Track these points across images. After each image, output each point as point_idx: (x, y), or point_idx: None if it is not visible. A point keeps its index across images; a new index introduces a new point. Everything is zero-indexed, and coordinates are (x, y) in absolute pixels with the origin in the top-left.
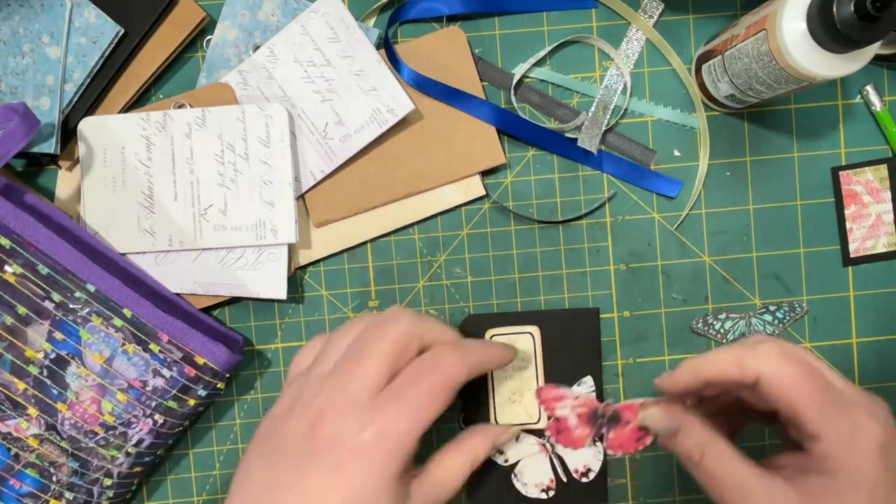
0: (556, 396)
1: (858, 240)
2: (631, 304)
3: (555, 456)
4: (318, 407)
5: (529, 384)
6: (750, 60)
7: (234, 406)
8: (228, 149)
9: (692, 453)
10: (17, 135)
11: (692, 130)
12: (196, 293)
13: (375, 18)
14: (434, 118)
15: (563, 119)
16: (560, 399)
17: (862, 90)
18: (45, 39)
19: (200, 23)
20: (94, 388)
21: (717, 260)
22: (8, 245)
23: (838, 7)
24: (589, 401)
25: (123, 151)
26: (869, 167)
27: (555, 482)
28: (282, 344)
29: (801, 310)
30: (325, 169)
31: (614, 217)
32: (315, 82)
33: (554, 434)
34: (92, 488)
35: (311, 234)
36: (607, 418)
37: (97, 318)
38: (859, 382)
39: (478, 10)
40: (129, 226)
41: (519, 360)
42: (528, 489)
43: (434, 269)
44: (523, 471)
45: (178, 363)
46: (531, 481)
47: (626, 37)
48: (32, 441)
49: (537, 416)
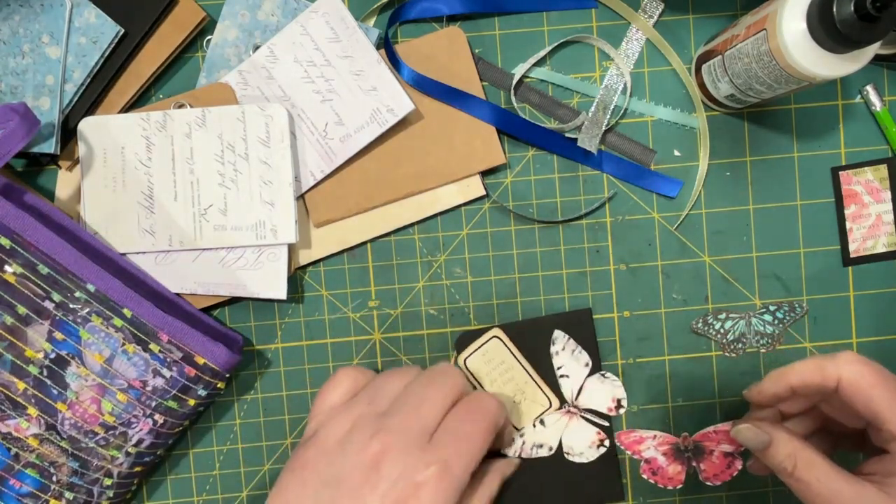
0: (635, 440)
1: (858, 240)
2: (631, 304)
3: (584, 412)
4: (380, 444)
5: (523, 379)
6: (750, 60)
7: (234, 406)
8: (228, 149)
9: (785, 464)
10: (17, 135)
11: (692, 130)
12: (196, 293)
13: (375, 18)
14: (434, 118)
15: (563, 119)
16: (640, 441)
17: (862, 90)
18: (45, 39)
19: (200, 23)
20: (94, 388)
21: (717, 260)
22: (8, 245)
23: (838, 7)
24: (667, 437)
25: (123, 151)
26: (869, 167)
27: (602, 433)
28: (282, 344)
29: (801, 310)
30: (325, 169)
31: (614, 217)
32: (315, 82)
33: (650, 476)
34: (92, 488)
35: (311, 234)
36: (691, 450)
37: (97, 318)
38: None
39: (478, 10)
40: (129, 226)
41: (502, 366)
42: (589, 453)
43: (434, 269)
44: (572, 445)
45: (178, 363)
46: (584, 445)
47: (626, 37)
48: (32, 441)
49: (547, 401)
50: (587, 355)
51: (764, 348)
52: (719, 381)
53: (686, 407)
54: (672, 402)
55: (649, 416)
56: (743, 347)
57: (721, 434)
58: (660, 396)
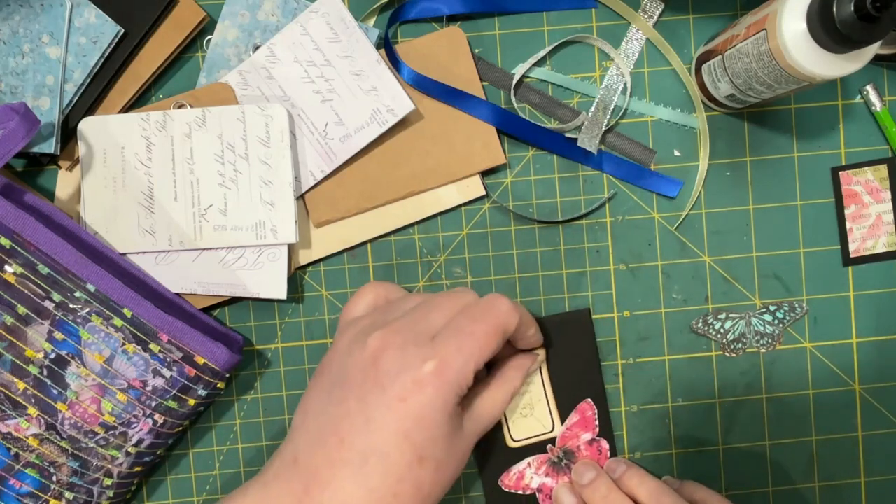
0: (517, 476)
1: (858, 240)
2: (631, 304)
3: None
4: (380, 341)
5: (538, 397)
6: (750, 60)
7: (234, 406)
8: (228, 149)
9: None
10: (17, 135)
11: (692, 130)
12: (196, 293)
13: (375, 18)
14: (434, 118)
15: (563, 119)
16: (521, 476)
17: (862, 90)
18: (45, 39)
19: (200, 23)
20: (94, 387)
21: (717, 260)
22: (8, 245)
23: (838, 7)
24: (538, 457)
25: (123, 151)
26: (869, 167)
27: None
28: (282, 344)
29: (801, 310)
30: (325, 169)
31: (614, 217)
32: (315, 82)
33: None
34: (92, 488)
35: (311, 234)
36: (563, 457)
37: (97, 318)
38: (859, 382)
39: (478, 10)
40: (129, 226)
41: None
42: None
43: (434, 269)
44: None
45: (178, 363)
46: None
47: (626, 37)
48: (32, 441)
49: (550, 424)
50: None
51: (764, 348)
52: (719, 381)
53: (686, 407)
54: (672, 402)
55: (649, 415)
56: (743, 347)
57: (574, 427)
58: (660, 396)
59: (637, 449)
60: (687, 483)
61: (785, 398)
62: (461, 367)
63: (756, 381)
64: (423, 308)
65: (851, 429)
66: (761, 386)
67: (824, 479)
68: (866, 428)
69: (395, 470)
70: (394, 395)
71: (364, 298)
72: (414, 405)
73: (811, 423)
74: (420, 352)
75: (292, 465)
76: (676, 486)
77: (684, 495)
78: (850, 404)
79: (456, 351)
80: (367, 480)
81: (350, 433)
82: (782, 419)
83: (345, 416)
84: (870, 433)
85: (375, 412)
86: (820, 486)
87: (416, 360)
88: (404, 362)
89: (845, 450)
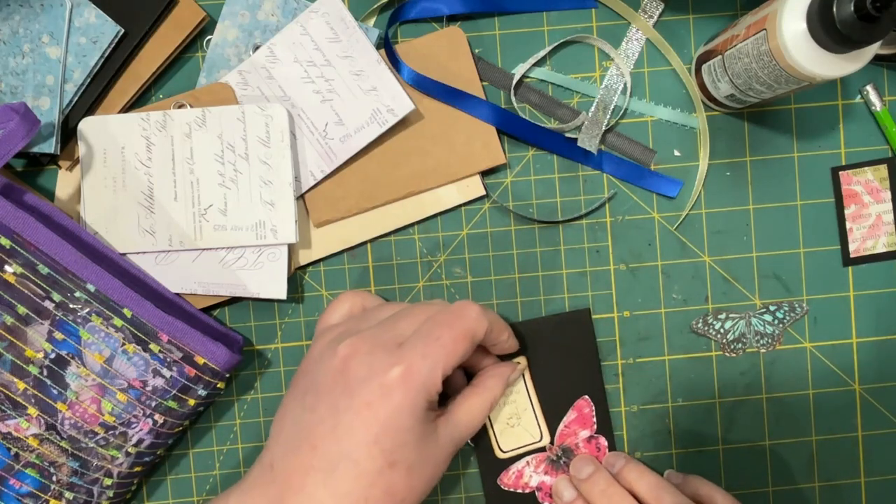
0: (516, 475)
1: (858, 240)
2: (631, 304)
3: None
4: (350, 348)
5: (524, 406)
6: (750, 60)
7: (234, 406)
8: (228, 149)
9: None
10: (17, 135)
11: (692, 130)
12: (196, 293)
13: (375, 18)
14: (434, 118)
15: (563, 119)
16: (520, 475)
17: (862, 90)
18: (45, 39)
19: (200, 23)
20: (94, 387)
21: (716, 260)
22: (8, 245)
23: (838, 7)
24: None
25: (123, 151)
26: (869, 167)
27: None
28: (282, 344)
29: (801, 310)
30: (325, 169)
31: (614, 217)
32: (315, 82)
33: (551, 501)
34: (92, 488)
35: (311, 234)
36: (562, 455)
37: (97, 318)
38: (859, 382)
39: (478, 10)
40: (129, 226)
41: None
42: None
43: (434, 269)
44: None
45: (178, 363)
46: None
47: (626, 37)
48: (32, 441)
49: (538, 434)
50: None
51: (764, 348)
52: (719, 381)
53: (686, 407)
54: (672, 402)
55: (649, 415)
56: (743, 347)
57: (572, 424)
58: (660, 396)
59: (637, 449)
60: (691, 478)
61: (785, 398)
62: (428, 372)
63: (756, 381)
64: (394, 317)
65: (851, 429)
66: (761, 386)
67: (824, 479)
68: (866, 428)
69: (366, 475)
70: (362, 401)
71: (340, 306)
72: (382, 410)
73: (811, 423)
74: (387, 358)
75: (269, 472)
76: (679, 481)
77: (688, 490)
78: (850, 404)
79: (422, 356)
80: (337, 486)
81: (322, 440)
82: (782, 419)
83: (317, 423)
84: (870, 433)
85: (344, 418)
86: (820, 486)
87: (384, 366)
88: (371, 368)
89: (845, 450)
